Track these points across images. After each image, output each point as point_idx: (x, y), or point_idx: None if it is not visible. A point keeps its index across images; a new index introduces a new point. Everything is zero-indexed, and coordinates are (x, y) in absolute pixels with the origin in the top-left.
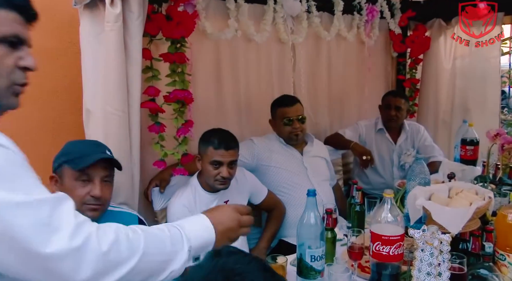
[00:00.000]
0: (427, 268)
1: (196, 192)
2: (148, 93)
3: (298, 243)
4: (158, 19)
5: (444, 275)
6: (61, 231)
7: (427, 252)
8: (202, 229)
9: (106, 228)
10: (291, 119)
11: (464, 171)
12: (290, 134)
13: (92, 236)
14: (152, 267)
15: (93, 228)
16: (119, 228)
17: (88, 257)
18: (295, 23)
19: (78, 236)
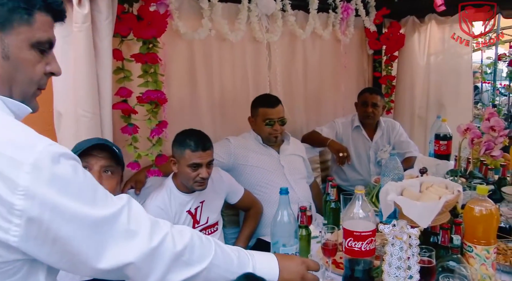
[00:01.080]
0: (397, 262)
1: (171, 193)
2: (120, 94)
3: (272, 241)
4: (129, 19)
5: (414, 269)
6: (140, 233)
7: (397, 247)
8: (268, 267)
9: (182, 228)
10: (272, 121)
11: (438, 166)
12: (269, 136)
13: (168, 235)
14: (215, 278)
15: (168, 227)
16: (195, 232)
17: (163, 255)
18: (270, 22)
19: (156, 235)
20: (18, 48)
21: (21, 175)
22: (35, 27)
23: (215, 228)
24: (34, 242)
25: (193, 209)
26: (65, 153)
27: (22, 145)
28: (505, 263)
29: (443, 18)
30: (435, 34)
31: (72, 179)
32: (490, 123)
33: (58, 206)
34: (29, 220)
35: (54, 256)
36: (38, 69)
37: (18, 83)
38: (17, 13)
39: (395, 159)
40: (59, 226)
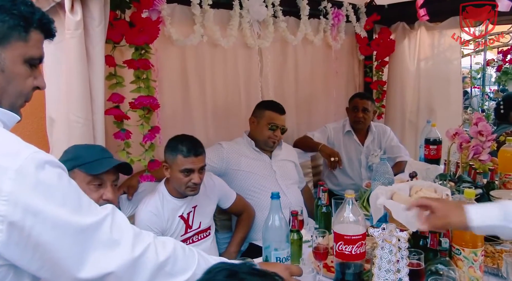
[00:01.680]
0: (386, 265)
1: (164, 198)
2: (113, 100)
3: (264, 246)
4: (121, 25)
5: (403, 271)
6: (122, 242)
7: (386, 250)
8: None
9: (165, 240)
10: (276, 127)
11: (428, 170)
12: (268, 140)
13: (150, 246)
14: None
15: (151, 238)
16: (178, 243)
17: (145, 266)
18: (261, 28)
19: (138, 245)
20: (13, 63)
21: (5, 181)
22: (29, 44)
23: (207, 232)
24: (15, 248)
25: (186, 214)
26: (50, 161)
27: (8, 151)
28: (493, 265)
29: (432, 25)
30: (424, 40)
31: (56, 186)
32: (478, 128)
33: (41, 212)
34: (10, 225)
35: (35, 264)
36: (28, 83)
37: (9, 95)
38: (15, 31)
39: (386, 164)
40: (41, 232)
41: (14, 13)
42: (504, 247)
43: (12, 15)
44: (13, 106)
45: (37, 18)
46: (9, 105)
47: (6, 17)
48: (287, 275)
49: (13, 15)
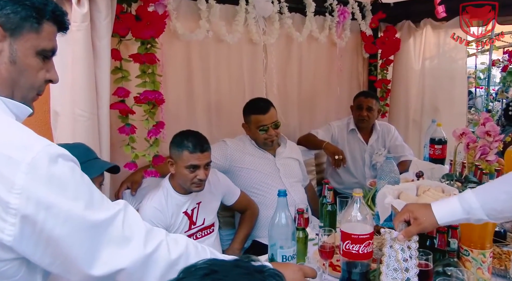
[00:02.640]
0: (394, 264)
1: (168, 194)
2: (118, 94)
3: (270, 244)
4: (127, 19)
5: (412, 271)
6: (134, 239)
7: (396, 248)
8: None
9: (177, 237)
10: (266, 127)
11: (433, 170)
12: (265, 141)
13: (163, 243)
14: None
15: (163, 235)
16: (190, 240)
17: (157, 263)
18: (267, 24)
19: (150, 242)
20: (25, 54)
21: (18, 174)
22: (42, 36)
23: (211, 229)
24: (28, 242)
25: (190, 210)
26: (63, 154)
27: (21, 144)
28: (500, 267)
29: (438, 23)
30: (430, 39)
31: (69, 180)
32: (486, 128)
33: (54, 206)
34: (23, 219)
35: (47, 258)
36: (40, 76)
37: (21, 87)
38: (28, 22)
39: (392, 162)
40: (53, 226)
41: (26, 3)
42: (511, 249)
43: (25, 6)
44: (25, 98)
45: (50, 10)
46: (21, 97)
47: (19, 8)
48: (301, 276)
49: (25, 6)
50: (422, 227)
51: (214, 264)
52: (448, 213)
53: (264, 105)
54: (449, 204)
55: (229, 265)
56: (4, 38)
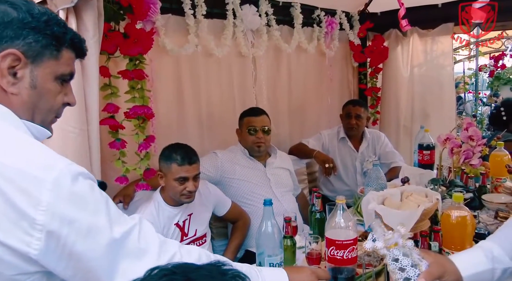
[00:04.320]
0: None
1: (159, 206)
2: (108, 110)
3: (258, 252)
4: (115, 37)
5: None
6: (149, 251)
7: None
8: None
9: (190, 248)
10: (255, 129)
11: (422, 175)
12: (252, 144)
13: (176, 254)
14: None
15: (176, 247)
16: (203, 251)
17: None
18: (255, 37)
19: (164, 254)
20: (44, 80)
21: (44, 192)
22: (61, 62)
23: (203, 240)
24: (52, 255)
25: (181, 222)
26: (83, 172)
27: (45, 164)
28: None
29: (424, 31)
30: (417, 47)
31: (89, 197)
32: (469, 133)
33: (76, 221)
34: (48, 234)
35: (69, 271)
36: (58, 99)
37: (40, 111)
38: (48, 49)
39: (378, 169)
40: (75, 241)
41: (47, 33)
42: None
43: (45, 35)
44: (44, 121)
45: (69, 38)
46: (41, 120)
47: (40, 37)
48: (314, 279)
49: (46, 35)
50: (444, 271)
51: (177, 266)
52: (471, 264)
53: (258, 110)
54: (470, 254)
55: (192, 268)
56: (25, 65)
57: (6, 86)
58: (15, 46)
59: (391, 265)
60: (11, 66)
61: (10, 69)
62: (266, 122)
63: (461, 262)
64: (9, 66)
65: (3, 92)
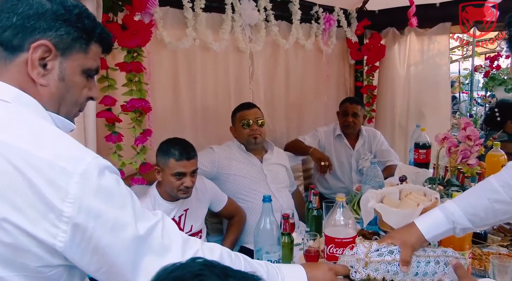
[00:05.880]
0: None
1: (155, 201)
2: (104, 103)
3: (256, 249)
4: (113, 28)
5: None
6: (172, 249)
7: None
8: (297, 279)
9: (212, 245)
10: (249, 122)
11: (417, 174)
12: (248, 137)
13: (199, 252)
14: None
15: (199, 244)
16: (224, 249)
17: None
18: (253, 32)
19: (188, 251)
20: (72, 72)
21: (72, 184)
22: (89, 56)
23: (198, 236)
24: (77, 248)
25: (177, 217)
26: (109, 166)
27: (72, 156)
28: (480, 267)
29: (422, 30)
30: (414, 46)
31: (115, 191)
32: (466, 132)
33: (102, 215)
34: (74, 226)
35: (93, 265)
36: (83, 93)
37: (66, 103)
38: (78, 43)
39: (376, 167)
40: (101, 235)
41: (78, 26)
42: (491, 250)
43: (77, 28)
44: (69, 114)
45: (98, 32)
46: (66, 112)
47: (71, 29)
48: (332, 275)
49: (77, 28)
50: (411, 246)
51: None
52: (433, 226)
53: (249, 104)
54: (432, 216)
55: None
56: (56, 57)
57: (36, 77)
58: (47, 37)
59: (378, 276)
60: (42, 58)
61: (41, 61)
62: (259, 114)
63: (424, 225)
64: (40, 58)
65: (33, 83)
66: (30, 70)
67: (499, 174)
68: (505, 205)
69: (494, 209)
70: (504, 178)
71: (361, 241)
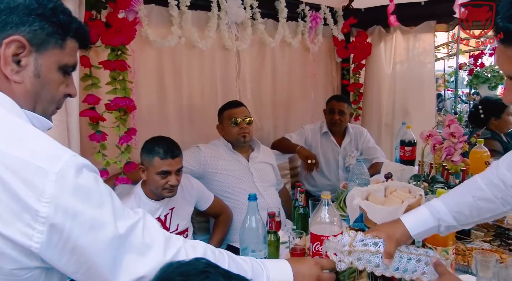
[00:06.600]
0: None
1: (140, 200)
2: (88, 101)
3: (242, 247)
4: (97, 26)
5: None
6: (154, 247)
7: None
8: (282, 274)
9: (194, 243)
10: (238, 120)
11: (403, 171)
12: (238, 136)
13: (181, 250)
14: None
15: (181, 242)
16: (208, 246)
17: None
18: (239, 30)
19: (170, 249)
20: (48, 69)
21: (48, 183)
22: (65, 52)
23: (185, 234)
24: (54, 249)
25: (163, 216)
26: (87, 164)
27: (48, 155)
28: (463, 263)
29: (407, 28)
30: (400, 44)
31: (93, 190)
32: (451, 129)
33: (80, 215)
34: (51, 227)
35: (72, 266)
36: (60, 90)
37: (42, 101)
38: (53, 38)
39: (362, 165)
40: (79, 235)
41: (53, 21)
42: (474, 245)
43: (52, 23)
44: (45, 112)
45: (74, 27)
46: (42, 110)
47: (46, 24)
48: (317, 269)
49: (52, 23)
50: (396, 240)
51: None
52: (419, 223)
53: (236, 103)
54: (417, 213)
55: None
56: (30, 53)
57: (10, 74)
58: (20, 33)
59: (359, 265)
60: (15, 54)
61: (14, 57)
62: (247, 113)
63: (409, 222)
64: (14, 54)
65: (6, 81)
66: (3, 67)
67: (484, 173)
68: (489, 203)
69: (478, 207)
70: (489, 176)
71: (347, 230)
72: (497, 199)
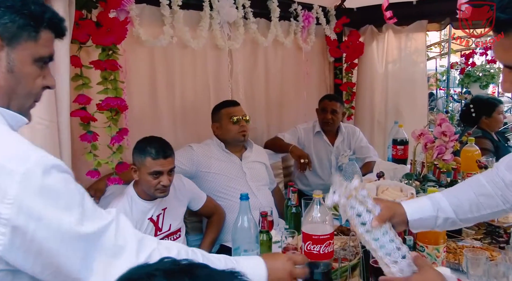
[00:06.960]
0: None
1: (132, 201)
2: (79, 101)
3: (234, 247)
4: (87, 25)
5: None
6: (126, 249)
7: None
8: (255, 270)
9: (168, 244)
10: (239, 119)
11: (395, 170)
12: (238, 134)
13: (154, 251)
14: None
15: (155, 244)
16: (181, 247)
17: None
18: (232, 29)
19: (143, 251)
20: (22, 63)
21: (12, 184)
22: (39, 44)
23: (177, 234)
24: (17, 251)
25: (155, 216)
26: (58, 165)
27: (16, 155)
28: (454, 261)
29: (399, 28)
30: (392, 43)
31: (61, 192)
32: (442, 128)
33: (44, 217)
34: (14, 229)
35: (38, 268)
36: (37, 83)
37: (18, 96)
38: (25, 31)
39: (354, 164)
40: (44, 237)
41: (24, 12)
42: (465, 243)
43: (23, 15)
44: (22, 107)
45: (48, 17)
46: (18, 106)
47: (17, 17)
48: (290, 265)
49: (23, 15)
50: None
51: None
52: (418, 209)
53: (234, 101)
54: (418, 201)
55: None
56: (1, 47)
57: None
58: None
59: (349, 212)
60: None
61: None
62: (244, 112)
63: (409, 207)
64: None
65: None
66: None
67: (486, 172)
68: (489, 199)
69: (478, 202)
70: (491, 175)
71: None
72: (497, 196)
